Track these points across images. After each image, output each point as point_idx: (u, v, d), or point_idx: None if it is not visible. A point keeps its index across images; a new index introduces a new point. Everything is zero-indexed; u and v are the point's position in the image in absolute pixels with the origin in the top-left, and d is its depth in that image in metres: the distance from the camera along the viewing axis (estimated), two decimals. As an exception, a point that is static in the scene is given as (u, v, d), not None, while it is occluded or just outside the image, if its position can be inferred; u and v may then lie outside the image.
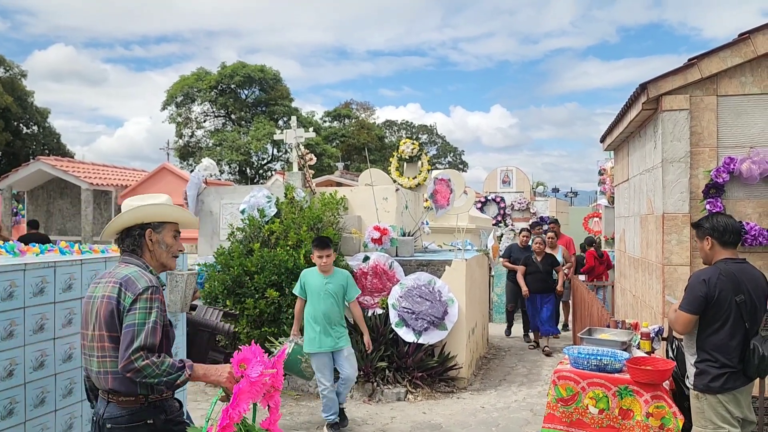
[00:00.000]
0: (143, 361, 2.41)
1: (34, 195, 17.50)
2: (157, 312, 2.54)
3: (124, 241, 2.75)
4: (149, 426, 2.59)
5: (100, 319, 2.56)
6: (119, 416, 2.56)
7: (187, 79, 36.38)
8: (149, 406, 2.59)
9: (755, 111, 5.23)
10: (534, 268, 9.21)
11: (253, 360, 2.46)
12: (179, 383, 2.50)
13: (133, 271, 2.62)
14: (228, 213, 8.21)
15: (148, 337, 2.46)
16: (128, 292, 2.54)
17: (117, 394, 2.56)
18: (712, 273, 3.57)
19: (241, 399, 2.36)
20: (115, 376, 2.54)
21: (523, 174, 20.35)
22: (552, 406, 4.18)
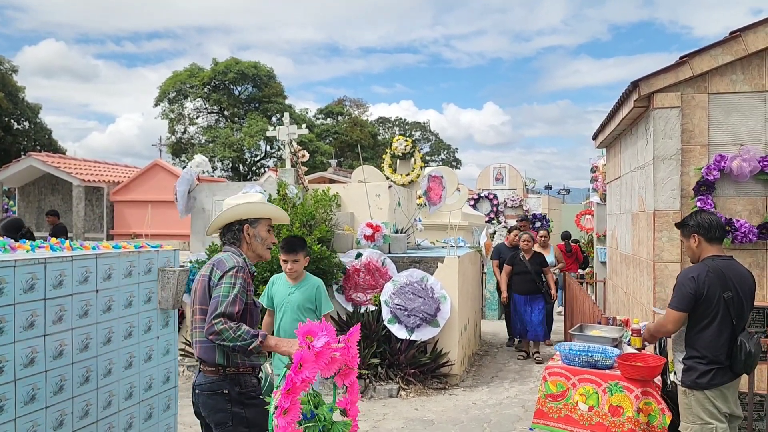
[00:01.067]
0: (222, 325, 2.73)
1: (25, 191, 17.40)
2: (239, 287, 2.87)
3: (225, 234, 3.14)
4: (224, 395, 2.89)
5: (197, 295, 2.97)
6: (203, 383, 2.95)
7: (179, 75, 36.23)
8: (226, 378, 2.91)
9: (746, 109, 5.26)
10: (521, 268, 8.46)
11: (319, 333, 2.57)
12: (252, 348, 2.76)
13: (226, 255, 3.02)
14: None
15: (228, 306, 2.78)
16: (218, 270, 2.93)
17: (204, 363, 2.96)
18: (700, 270, 3.59)
19: (304, 366, 2.44)
20: (202, 344, 2.94)
21: (516, 171, 20.40)
22: (542, 401, 4.21)
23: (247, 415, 2.92)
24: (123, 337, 3.82)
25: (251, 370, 2.98)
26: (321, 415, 2.56)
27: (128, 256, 3.85)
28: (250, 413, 2.93)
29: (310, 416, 2.53)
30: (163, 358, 4.22)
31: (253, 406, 2.94)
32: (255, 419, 2.93)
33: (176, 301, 4.16)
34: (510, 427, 5.64)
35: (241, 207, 3.15)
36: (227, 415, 2.91)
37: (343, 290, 7.31)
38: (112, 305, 3.71)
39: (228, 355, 2.89)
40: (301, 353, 2.48)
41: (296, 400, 2.41)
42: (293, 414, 2.38)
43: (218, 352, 2.90)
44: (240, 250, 3.09)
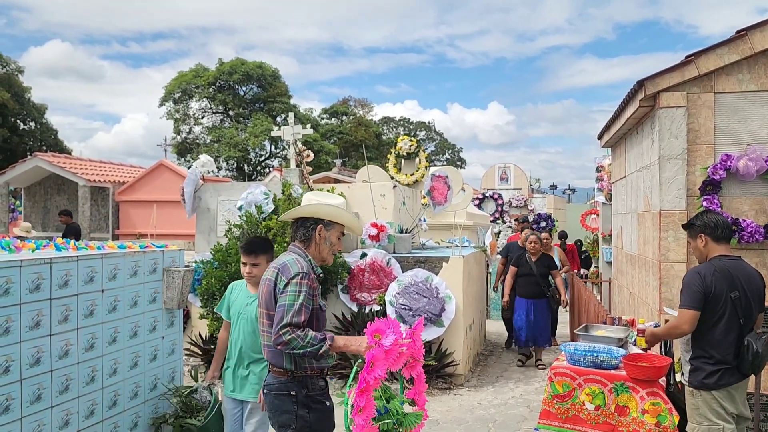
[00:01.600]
0: (289, 335, 2.74)
1: (31, 191, 17.47)
2: (304, 295, 2.86)
3: (298, 229, 3.12)
4: (291, 397, 2.93)
5: (263, 299, 2.99)
6: (271, 384, 2.99)
7: (184, 76, 36.30)
8: (294, 380, 2.94)
9: (752, 108, 5.23)
10: (527, 270, 8.06)
11: (386, 330, 2.62)
12: (322, 353, 2.78)
13: (291, 258, 2.99)
14: (225, 210, 8.20)
15: (294, 317, 2.78)
16: (283, 276, 2.91)
17: (272, 365, 3.00)
18: (706, 269, 3.57)
19: (376, 365, 2.52)
20: (269, 348, 2.97)
21: (521, 171, 20.37)
22: (548, 402, 4.19)
23: (310, 418, 2.94)
24: (128, 336, 3.83)
25: (320, 372, 3.02)
26: (394, 409, 2.64)
27: (133, 256, 3.86)
28: (313, 417, 2.95)
29: (384, 411, 2.62)
30: (168, 358, 4.23)
31: (318, 411, 2.97)
32: (317, 423, 2.96)
33: (181, 300, 4.17)
34: (515, 427, 5.63)
35: (322, 207, 3.15)
36: (292, 417, 2.93)
37: (347, 290, 7.31)
38: (117, 305, 3.72)
39: (295, 360, 2.92)
40: (372, 352, 2.54)
41: (370, 397, 2.49)
42: (368, 411, 2.48)
43: (285, 357, 2.92)
44: (305, 251, 3.08)
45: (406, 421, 2.64)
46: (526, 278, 8.04)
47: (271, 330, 2.86)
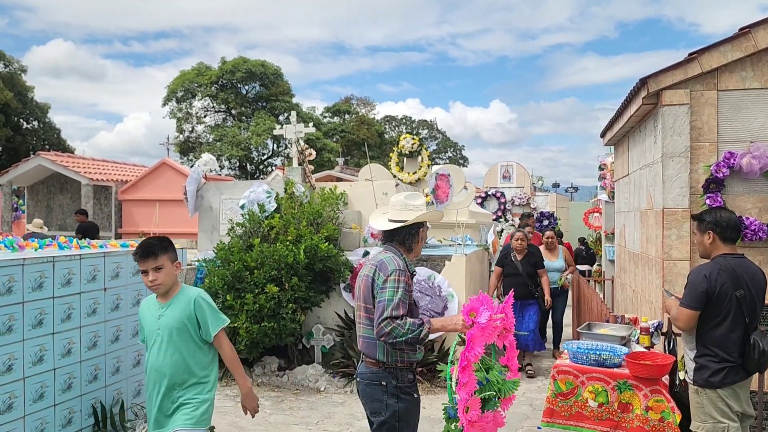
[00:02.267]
0: (390, 325, 2.90)
1: (35, 190, 17.50)
2: (402, 291, 3.01)
3: (405, 237, 3.25)
4: (382, 387, 3.10)
5: (361, 293, 3.17)
6: (364, 373, 3.18)
7: (187, 74, 36.33)
8: (385, 371, 3.10)
9: (756, 106, 5.21)
10: (512, 269, 7.57)
11: (480, 308, 2.75)
12: (423, 336, 2.94)
13: (388, 256, 3.16)
14: (228, 208, 8.21)
15: (394, 310, 2.94)
16: (381, 273, 3.08)
17: (365, 355, 3.17)
18: (712, 268, 3.56)
19: (474, 343, 2.68)
20: (364, 340, 3.15)
21: (523, 169, 20.35)
22: (551, 400, 4.19)
23: (399, 408, 3.10)
24: (131, 335, 3.83)
25: (409, 366, 3.16)
26: (494, 379, 2.78)
27: (136, 255, 3.86)
28: (402, 407, 3.11)
29: (486, 381, 2.76)
30: (170, 356, 4.23)
31: (406, 401, 3.12)
32: (406, 414, 3.12)
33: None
34: (517, 426, 5.63)
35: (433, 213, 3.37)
36: (382, 405, 3.10)
37: (350, 289, 7.31)
38: (120, 303, 3.72)
39: (388, 352, 3.08)
40: (471, 333, 2.71)
41: (472, 373, 2.65)
42: (470, 386, 2.64)
43: (379, 348, 3.10)
44: (400, 250, 3.23)
45: (505, 388, 2.80)
46: (511, 279, 7.50)
47: (369, 323, 3.09)
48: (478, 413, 2.66)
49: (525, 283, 7.43)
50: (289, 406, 6.28)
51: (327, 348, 7.24)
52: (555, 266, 8.46)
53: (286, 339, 6.93)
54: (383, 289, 3.02)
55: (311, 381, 6.90)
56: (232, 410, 6.13)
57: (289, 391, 6.79)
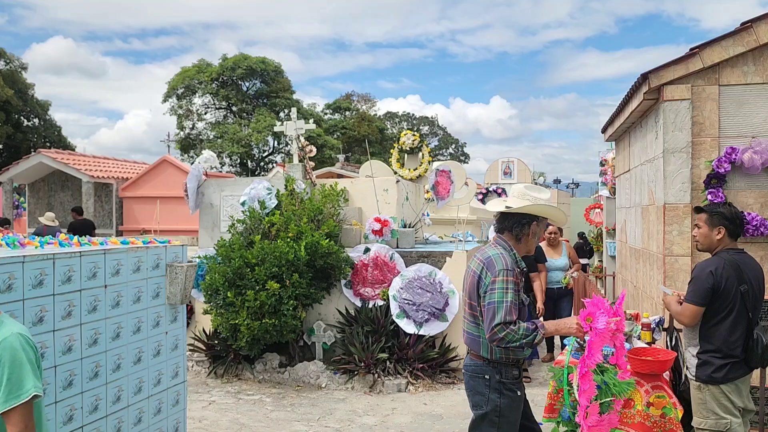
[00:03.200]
0: (503, 331, 2.87)
1: (35, 188, 17.51)
2: (512, 293, 2.97)
3: (513, 226, 3.18)
4: (485, 380, 3.09)
5: (467, 288, 3.16)
6: (469, 366, 3.18)
7: (188, 71, 36.30)
8: (488, 365, 3.09)
9: (757, 101, 5.19)
10: None
11: (597, 312, 2.74)
12: (537, 341, 2.93)
13: (496, 253, 3.09)
14: (228, 205, 8.20)
15: (507, 315, 2.90)
16: (488, 272, 3.03)
17: (470, 349, 3.18)
18: (717, 264, 3.55)
19: (593, 350, 2.69)
20: (468, 335, 3.17)
21: (525, 165, 20.33)
22: (552, 396, 4.18)
23: (501, 403, 3.06)
24: (132, 332, 3.83)
25: (514, 362, 3.13)
26: (611, 382, 2.79)
27: (136, 252, 3.86)
28: (504, 403, 3.07)
29: (604, 384, 2.78)
30: (171, 354, 4.23)
31: (509, 398, 3.08)
32: (506, 410, 3.07)
33: (184, 296, 4.17)
34: (519, 422, 5.63)
35: (545, 207, 3.21)
36: (484, 399, 3.09)
37: (351, 285, 7.31)
38: (120, 301, 3.72)
39: (492, 349, 3.05)
40: (590, 340, 2.72)
41: (591, 380, 2.66)
42: (590, 392, 2.65)
43: (482, 345, 3.09)
44: (510, 245, 3.17)
45: (620, 389, 2.80)
46: None
47: (473, 319, 3.11)
48: (597, 417, 2.66)
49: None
50: (291, 403, 6.28)
51: (328, 344, 7.25)
52: (558, 264, 7.87)
53: (287, 336, 6.93)
54: (492, 291, 2.97)
55: (312, 377, 6.91)
56: (233, 407, 6.13)
57: (291, 388, 6.79)
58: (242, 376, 7.15)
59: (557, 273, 7.79)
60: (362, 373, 6.74)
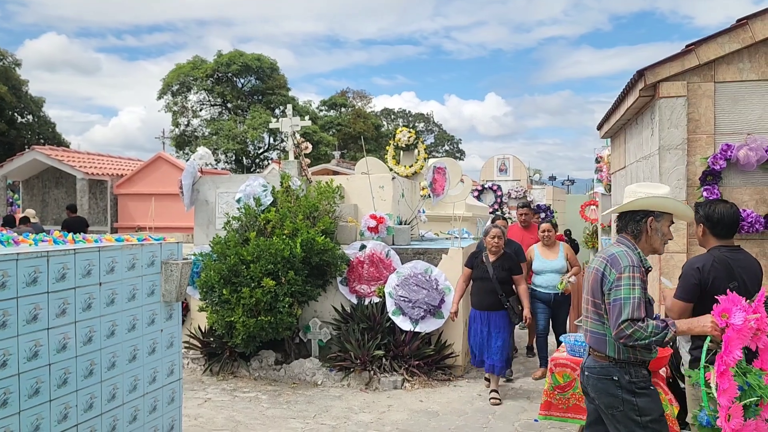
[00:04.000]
0: (631, 328, 2.79)
1: (30, 185, 17.43)
2: (639, 289, 2.88)
3: (628, 224, 3.14)
4: (614, 382, 3.00)
5: (589, 287, 3.09)
6: (593, 367, 3.09)
7: (182, 68, 36.15)
8: (615, 365, 3.00)
9: (753, 97, 5.20)
10: (481, 272, 6.24)
11: (733, 308, 2.67)
12: (667, 339, 2.84)
13: (620, 250, 3.02)
14: (224, 202, 8.18)
15: (635, 311, 2.82)
16: (613, 269, 2.96)
17: (594, 349, 3.10)
18: (705, 260, 3.56)
19: (731, 346, 2.61)
20: (592, 334, 3.09)
21: (520, 162, 20.34)
22: (549, 393, 4.19)
23: (638, 403, 2.97)
24: (127, 330, 3.81)
25: (642, 362, 3.04)
26: (755, 384, 2.71)
27: (131, 249, 3.84)
28: (641, 401, 2.98)
29: (747, 386, 2.69)
30: (167, 351, 4.22)
31: (645, 396, 2.99)
32: (646, 407, 2.98)
33: (180, 293, 4.15)
34: (514, 419, 5.63)
35: (652, 199, 3.11)
36: (618, 400, 3.00)
37: (347, 282, 7.30)
38: (115, 298, 3.70)
39: (619, 348, 2.98)
40: (727, 335, 2.64)
41: (731, 378, 2.58)
42: (731, 392, 2.57)
43: (609, 344, 3.00)
44: (634, 243, 3.10)
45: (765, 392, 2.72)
46: (480, 283, 6.25)
47: (598, 318, 3.04)
48: (740, 421, 2.57)
49: (494, 290, 6.12)
50: (286, 400, 6.27)
51: (324, 342, 7.24)
52: (554, 266, 7.01)
53: (283, 333, 6.92)
54: (617, 287, 2.90)
55: (308, 375, 6.90)
56: (229, 404, 6.12)
57: (286, 385, 6.79)
58: (238, 373, 7.14)
59: (552, 276, 6.96)
60: (358, 370, 6.74)
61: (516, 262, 6.40)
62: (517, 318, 6.19)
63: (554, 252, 7.13)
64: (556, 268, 7.02)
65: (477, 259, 6.38)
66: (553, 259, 7.07)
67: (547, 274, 6.99)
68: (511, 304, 6.16)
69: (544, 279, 7.00)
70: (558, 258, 7.08)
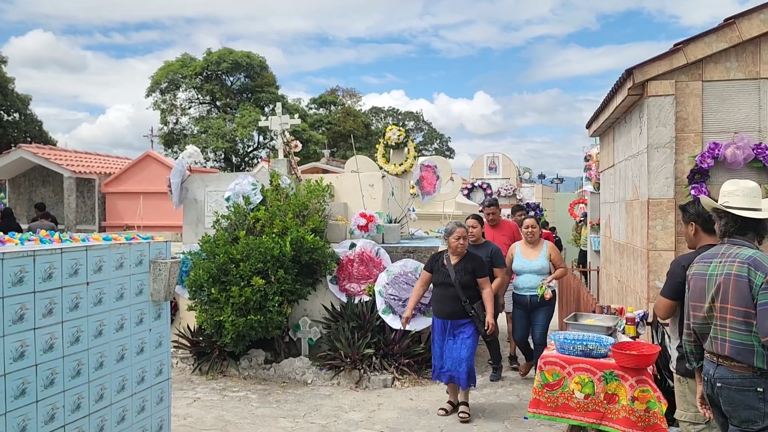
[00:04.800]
0: None
1: (16, 183, 17.27)
2: None
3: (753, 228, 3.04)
4: (758, 393, 2.86)
5: (730, 294, 2.90)
6: (728, 378, 2.93)
7: (171, 65, 35.93)
8: (761, 377, 2.86)
9: (740, 96, 5.24)
10: (442, 277, 5.61)
11: None
12: None
13: (758, 253, 2.92)
14: (213, 201, 8.14)
15: None
16: (758, 271, 2.83)
17: (736, 361, 2.90)
18: (690, 259, 3.57)
19: None
20: (734, 345, 2.90)
21: (510, 160, 20.40)
22: (538, 391, 4.20)
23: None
24: (114, 329, 3.79)
25: None
26: None
27: (119, 248, 3.81)
28: None
29: None
30: (155, 351, 4.19)
31: None
32: None
33: (168, 292, 4.12)
34: (504, 416, 5.65)
35: None
36: (758, 414, 2.87)
37: (336, 281, 7.29)
38: (102, 298, 3.67)
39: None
40: None
41: None
42: None
43: (757, 355, 2.84)
44: (757, 247, 3.02)
45: None
46: (441, 289, 5.64)
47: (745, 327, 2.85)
48: None
49: (457, 297, 5.48)
50: (276, 399, 6.26)
51: (314, 340, 7.23)
52: (533, 266, 6.41)
53: (273, 332, 6.90)
54: (765, 291, 2.77)
55: (298, 374, 6.88)
56: (218, 404, 6.10)
57: (276, 384, 6.77)
58: (227, 372, 7.11)
59: (531, 277, 6.38)
60: (348, 368, 6.73)
61: (481, 263, 5.67)
62: (481, 327, 5.52)
63: (537, 250, 6.54)
64: (535, 268, 6.43)
65: (437, 262, 5.75)
66: (534, 259, 6.47)
67: (526, 275, 6.44)
68: (476, 312, 5.50)
69: (523, 280, 6.46)
70: (539, 258, 6.46)
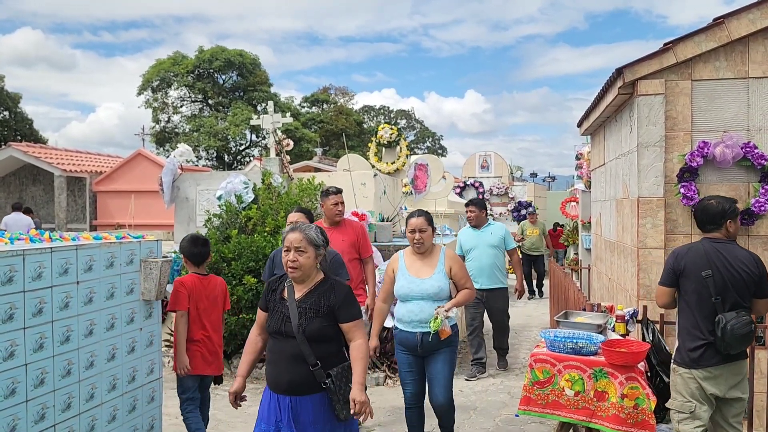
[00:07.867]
0: None
1: (6, 182, 17.16)
2: None
3: None
4: None
5: None
6: None
7: (163, 63, 35.77)
8: None
9: (729, 95, 5.27)
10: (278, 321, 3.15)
11: None
12: None
13: None
14: (204, 199, 8.12)
15: None
16: None
17: None
18: (684, 248, 3.80)
19: None
20: None
21: (502, 159, 20.44)
22: (528, 389, 4.22)
23: None
24: (105, 329, 3.78)
25: None
26: None
27: (109, 247, 3.80)
28: None
29: None
30: (146, 350, 4.19)
31: None
32: None
33: (159, 292, 4.12)
34: (495, 414, 5.67)
35: None
36: None
37: (328, 279, 7.27)
38: (93, 297, 3.67)
39: None
40: None
41: None
42: None
43: None
44: None
45: None
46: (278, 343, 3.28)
47: None
48: None
49: (301, 356, 3.13)
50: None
51: (306, 339, 7.21)
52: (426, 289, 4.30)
53: (265, 330, 6.89)
54: None
55: (290, 372, 6.88)
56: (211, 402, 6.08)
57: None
58: (219, 371, 7.09)
59: (422, 305, 4.26)
60: (340, 367, 6.70)
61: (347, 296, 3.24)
62: (344, 410, 3.13)
63: (429, 265, 4.38)
64: (429, 291, 4.29)
65: (273, 294, 3.34)
66: (425, 278, 4.32)
67: (415, 302, 4.28)
68: (333, 381, 3.15)
69: (410, 310, 4.30)
70: (434, 275, 4.32)
